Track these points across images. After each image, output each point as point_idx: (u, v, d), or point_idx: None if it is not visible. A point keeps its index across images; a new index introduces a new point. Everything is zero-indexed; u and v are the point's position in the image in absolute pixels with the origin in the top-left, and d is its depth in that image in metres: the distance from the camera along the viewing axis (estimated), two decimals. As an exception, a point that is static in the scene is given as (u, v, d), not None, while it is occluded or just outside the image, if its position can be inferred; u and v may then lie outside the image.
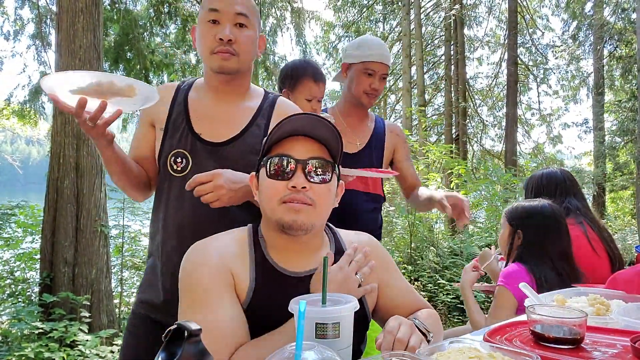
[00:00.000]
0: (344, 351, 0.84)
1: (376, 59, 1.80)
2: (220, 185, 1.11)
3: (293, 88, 1.72)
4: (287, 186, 0.96)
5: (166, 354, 0.61)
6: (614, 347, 0.93)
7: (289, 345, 0.67)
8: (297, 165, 0.97)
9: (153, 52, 6.97)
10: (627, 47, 10.72)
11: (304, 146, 0.99)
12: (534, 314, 0.96)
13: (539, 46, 13.07)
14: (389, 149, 1.94)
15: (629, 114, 10.17)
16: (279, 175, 0.97)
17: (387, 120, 2.04)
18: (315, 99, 1.73)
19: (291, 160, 0.97)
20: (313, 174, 0.97)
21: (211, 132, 1.27)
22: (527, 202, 1.87)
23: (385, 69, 1.83)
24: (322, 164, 0.99)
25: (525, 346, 0.94)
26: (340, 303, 0.86)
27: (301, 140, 0.99)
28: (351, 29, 13.06)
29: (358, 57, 1.82)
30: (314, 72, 1.74)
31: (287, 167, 0.97)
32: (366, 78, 1.81)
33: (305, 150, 0.98)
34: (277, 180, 0.97)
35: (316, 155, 0.98)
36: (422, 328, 0.95)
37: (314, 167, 0.98)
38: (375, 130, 1.93)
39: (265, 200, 0.99)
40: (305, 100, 1.71)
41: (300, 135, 0.99)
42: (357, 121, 1.91)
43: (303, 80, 1.72)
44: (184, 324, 0.61)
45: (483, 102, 13.99)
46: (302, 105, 1.64)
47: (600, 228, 2.04)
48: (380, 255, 1.13)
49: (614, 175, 11.16)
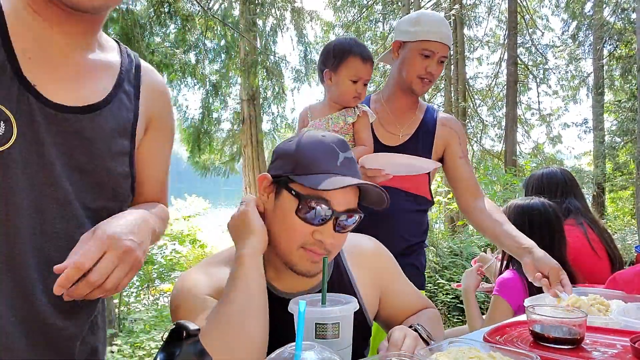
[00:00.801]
0: (344, 351, 0.84)
1: (436, 37, 1.54)
2: (126, 250, 0.71)
3: (337, 68, 1.51)
4: (312, 234, 0.90)
5: (165, 354, 0.61)
6: (614, 347, 0.93)
7: (288, 346, 0.67)
8: (332, 217, 0.90)
9: (153, 52, 6.96)
10: (627, 47, 10.72)
11: (344, 196, 0.90)
12: (534, 314, 0.96)
13: (538, 46, 13.06)
14: (439, 144, 1.66)
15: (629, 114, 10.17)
16: (309, 218, 0.89)
17: (441, 112, 1.77)
18: (361, 80, 1.50)
19: (328, 210, 0.89)
20: (342, 226, 0.92)
21: (56, 89, 0.79)
22: (520, 201, 1.86)
23: (445, 51, 1.57)
24: (354, 215, 0.92)
25: (525, 346, 0.94)
26: (340, 303, 0.86)
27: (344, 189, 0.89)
28: (351, 29, 13.05)
29: (415, 35, 1.56)
30: (362, 50, 1.52)
31: (321, 214, 0.89)
32: (422, 60, 1.55)
33: (344, 201, 0.90)
34: (305, 223, 0.90)
35: (352, 207, 0.92)
36: (425, 336, 0.94)
37: (345, 219, 0.91)
38: (424, 121, 1.67)
39: (284, 237, 0.92)
40: (350, 82, 1.50)
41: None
42: (405, 110, 1.66)
43: (349, 59, 1.50)
44: (183, 324, 0.61)
45: (483, 102, 13.97)
46: (346, 88, 1.50)
47: (601, 229, 2.04)
48: (385, 261, 1.12)
49: (614, 175, 11.15)
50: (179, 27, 7.62)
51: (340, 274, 1.04)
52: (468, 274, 1.96)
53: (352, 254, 1.08)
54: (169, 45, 7.80)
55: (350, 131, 1.54)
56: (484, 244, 5.45)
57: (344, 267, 1.05)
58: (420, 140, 1.64)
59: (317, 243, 0.90)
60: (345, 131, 1.53)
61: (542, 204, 1.81)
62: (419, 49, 1.55)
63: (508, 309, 1.67)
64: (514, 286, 1.66)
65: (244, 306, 0.83)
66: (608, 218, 9.90)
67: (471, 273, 1.95)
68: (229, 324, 0.81)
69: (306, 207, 0.89)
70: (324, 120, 1.52)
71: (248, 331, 0.82)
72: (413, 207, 1.63)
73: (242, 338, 0.81)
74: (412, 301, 1.12)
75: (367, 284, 1.05)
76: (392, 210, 1.49)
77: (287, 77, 11.04)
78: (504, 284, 1.71)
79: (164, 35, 7.88)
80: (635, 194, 8.57)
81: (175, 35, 7.85)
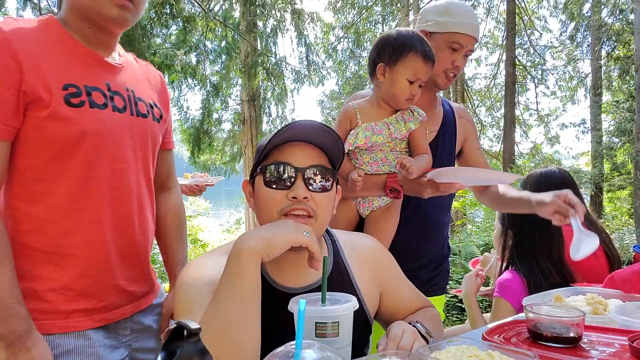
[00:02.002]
0: (344, 350, 0.84)
1: (466, 30, 1.44)
2: None
3: (394, 63, 1.36)
4: (287, 196, 0.91)
5: (166, 353, 0.61)
6: (612, 346, 0.94)
7: (288, 344, 0.67)
8: (297, 173, 0.92)
9: (154, 53, 6.96)
10: (625, 48, 10.75)
11: (303, 153, 0.94)
12: (533, 312, 0.97)
13: (537, 47, 13.08)
14: (460, 138, 1.60)
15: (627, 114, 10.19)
16: (278, 184, 0.92)
17: (452, 102, 1.69)
18: (418, 81, 1.36)
19: (291, 168, 0.92)
20: (313, 182, 0.93)
21: None
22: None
23: (473, 44, 1.47)
24: (322, 171, 0.94)
25: (524, 345, 0.94)
26: (340, 302, 0.86)
27: (300, 146, 0.94)
28: (350, 30, 13.06)
29: (443, 26, 1.45)
30: (424, 47, 1.35)
31: (286, 176, 0.92)
32: (450, 53, 1.45)
33: (305, 157, 0.93)
34: (275, 190, 0.92)
35: (316, 162, 0.94)
36: (424, 333, 0.95)
37: (314, 175, 0.93)
38: (445, 115, 1.60)
39: (263, 211, 0.94)
40: (407, 82, 1.35)
41: (298, 141, 0.94)
42: (428, 106, 1.55)
43: (409, 55, 1.34)
44: (184, 323, 0.61)
45: (481, 102, 14.00)
46: (402, 87, 1.36)
47: (599, 229, 2.04)
48: (384, 260, 1.12)
49: (612, 176, 11.17)
50: (180, 28, 7.62)
51: (340, 271, 1.04)
52: (467, 279, 1.95)
53: (352, 252, 1.08)
54: (170, 47, 7.81)
55: (407, 137, 1.43)
56: (483, 243, 5.46)
57: (344, 264, 1.06)
58: (447, 136, 1.58)
59: (295, 202, 0.91)
60: (405, 138, 1.41)
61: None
62: (447, 41, 1.44)
63: (510, 309, 1.66)
64: (513, 286, 1.66)
65: (236, 316, 0.81)
66: (606, 218, 9.92)
67: (470, 277, 1.94)
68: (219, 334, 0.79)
69: (270, 174, 0.92)
70: (381, 125, 1.38)
71: (239, 341, 0.80)
72: (447, 212, 1.63)
73: (233, 349, 0.79)
74: (412, 300, 1.13)
75: (366, 281, 1.06)
76: (434, 219, 1.55)
77: (287, 78, 11.05)
78: (503, 285, 1.71)
79: (165, 36, 7.89)
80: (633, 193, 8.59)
81: (176, 36, 7.86)
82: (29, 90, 0.97)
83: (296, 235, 0.85)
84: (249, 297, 0.82)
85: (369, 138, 1.37)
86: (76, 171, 1.04)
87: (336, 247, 1.08)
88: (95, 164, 1.06)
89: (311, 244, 0.86)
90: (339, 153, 0.98)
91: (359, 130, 1.38)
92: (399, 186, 1.35)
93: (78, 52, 1.08)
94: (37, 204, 1.02)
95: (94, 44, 1.11)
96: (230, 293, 0.81)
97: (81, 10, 1.08)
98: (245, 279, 0.81)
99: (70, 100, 1.02)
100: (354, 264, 1.06)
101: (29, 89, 0.97)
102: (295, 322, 0.80)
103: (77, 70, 1.05)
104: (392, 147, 1.41)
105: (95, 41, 1.11)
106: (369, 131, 1.38)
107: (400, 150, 1.43)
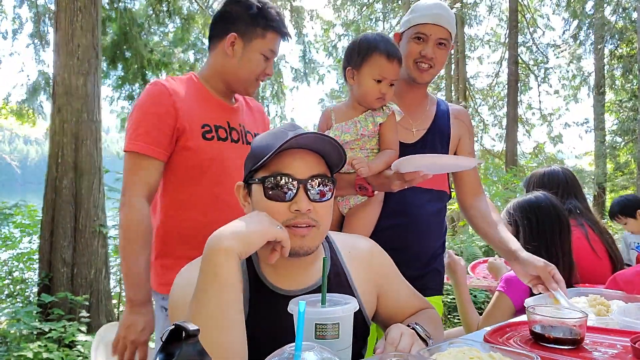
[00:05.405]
0: (344, 352, 0.84)
1: (427, 19, 1.46)
2: None
3: (360, 65, 1.41)
4: (289, 209, 0.90)
5: (164, 355, 0.60)
6: (614, 347, 0.93)
7: (288, 346, 0.67)
8: (299, 185, 0.90)
9: (152, 51, 6.96)
10: (628, 47, 10.72)
11: (303, 161, 0.92)
12: (535, 314, 0.96)
13: (539, 45, 13.04)
14: (454, 139, 1.59)
15: (630, 113, 10.17)
16: (279, 196, 0.90)
17: (452, 105, 1.69)
18: (386, 80, 1.39)
19: (292, 181, 0.90)
20: (315, 193, 0.91)
21: None
22: (520, 198, 1.85)
23: (441, 33, 1.47)
24: (323, 181, 0.93)
25: (526, 346, 0.94)
26: (340, 304, 0.86)
27: (300, 154, 0.92)
28: (351, 28, 13.04)
29: (408, 23, 1.51)
30: (388, 47, 1.40)
31: (287, 188, 0.90)
32: (416, 44, 1.48)
33: (305, 167, 0.92)
34: (277, 202, 0.90)
35: (316, 172, 0.93)
36: (423, 335, 0.94)
37: (316, 186, 0.92)
38: (437, 115, 1.60)
39: None
40: (374, 81, 1.39)
41: (297, 149, 0.92)
42: (415, 104, 1.58)
43: (373, 56, 1.38)
44: (182, 325, 0.60)
45: (483, 101, 13.97)
46: (369, 88, 1.40)
47: (601, 229, 2.03)
48: (382, 261, 1.11)
49: (615, 175, 11.15)
50: (177, 26, 7.62)
51: (338, 273, 1.03)
52: (451, 266, 1.84)
53: (349, 253, 1.07)
54: (167, 44, 7.80)
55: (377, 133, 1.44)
56: (485, 244, 5.45)
57: (341, 266, 1.05)
58: (437, 136, 1.58)
59: (298, 215, 0.90)
60: (374, 134, 1.43)
61: (547, 198, 1.78)
62: (412, 34, 1.49)
63: (510, 308, 1.64)
64: (519, 284, 1.63)
65: (217, 318, 0.79)
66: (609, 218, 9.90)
67: (455, 264, 1.84)
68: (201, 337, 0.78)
69: (271, 187, 0.90)
70: (350, 123, 1.42)
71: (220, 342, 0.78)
72: (435, 206, 1.57)
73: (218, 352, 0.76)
74: (410, 301, 1.12)
75: (364, 283, 1.05)
76: (416, 213, 1.50)
77: (286, 77, 11.04)
78: (510, 281, 1.67)
79: (163, 34, 7.88)
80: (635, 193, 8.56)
81: (174, 34, 7.85)
82: (180, 128, 1.40)
83: (270, 229, 0.86)
84: (228, 297, 0.80)
85: (338, 137, 1.39)
86: (207, 183, 1.45)
87: (333, 249, 1.07)
88: (221, 181, 1.45)
89: (285, 238, 0.87)
90: (340, 157, 0.97)
91: (330, 131, 1.43)
92: (367, 184, 1.36)
93: (211, 101, 1.52)
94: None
95: (221, 94, 1.55)
96: (208, 295, 0.80)
97: (226, 78, 1.51)
98: (224, 279, 0.80)
99: (206, 136, 1.45)
100: (352, 266, 1.06)
101: (181, 126, 1.40)
102: (295, 323, 0.80)
103: (209, 114, 1.48)
104: (361, 146, 1.43)
105: (224, 94, 1.56)
106: (338, 131, 1.41)
107: (371, 148, 1.44)
